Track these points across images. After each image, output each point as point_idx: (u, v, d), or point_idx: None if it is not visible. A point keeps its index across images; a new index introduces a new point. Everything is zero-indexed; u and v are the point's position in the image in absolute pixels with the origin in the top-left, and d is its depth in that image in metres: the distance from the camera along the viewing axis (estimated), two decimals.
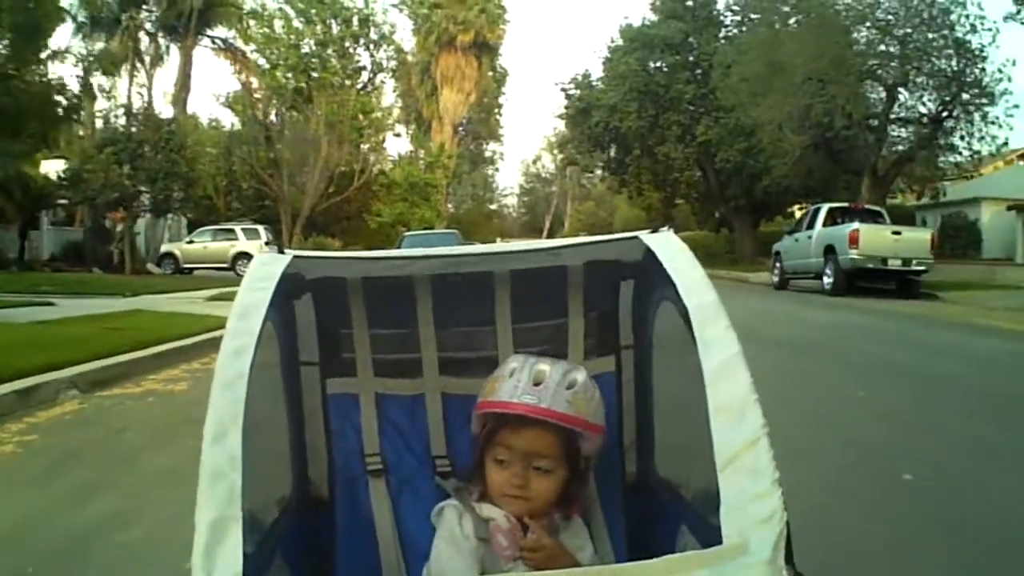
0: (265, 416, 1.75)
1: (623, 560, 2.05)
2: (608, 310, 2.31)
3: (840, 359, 10.45)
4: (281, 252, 1.96)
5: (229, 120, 46.96)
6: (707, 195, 44.53)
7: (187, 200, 32.12)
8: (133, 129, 31.84)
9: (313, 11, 55.34)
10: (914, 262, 20.95)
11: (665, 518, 1.87)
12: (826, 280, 21.70)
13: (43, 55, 25.89)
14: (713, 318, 1.58)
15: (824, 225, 22.90)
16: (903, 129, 31.67)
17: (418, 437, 2.22)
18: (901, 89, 29.84)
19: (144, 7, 36.91)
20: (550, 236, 70.26)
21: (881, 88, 28.62)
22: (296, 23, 53.01)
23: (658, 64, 41.53)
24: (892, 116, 30.00)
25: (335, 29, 56.84)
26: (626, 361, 2.29)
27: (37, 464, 5.25)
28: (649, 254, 1.89)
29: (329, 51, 56.17)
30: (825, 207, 23.73)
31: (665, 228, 2.03)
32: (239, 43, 46.92)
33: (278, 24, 50.76)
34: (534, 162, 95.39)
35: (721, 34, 41.17)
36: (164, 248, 34.51)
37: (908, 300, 20.04)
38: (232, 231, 34.02)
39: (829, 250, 21.64)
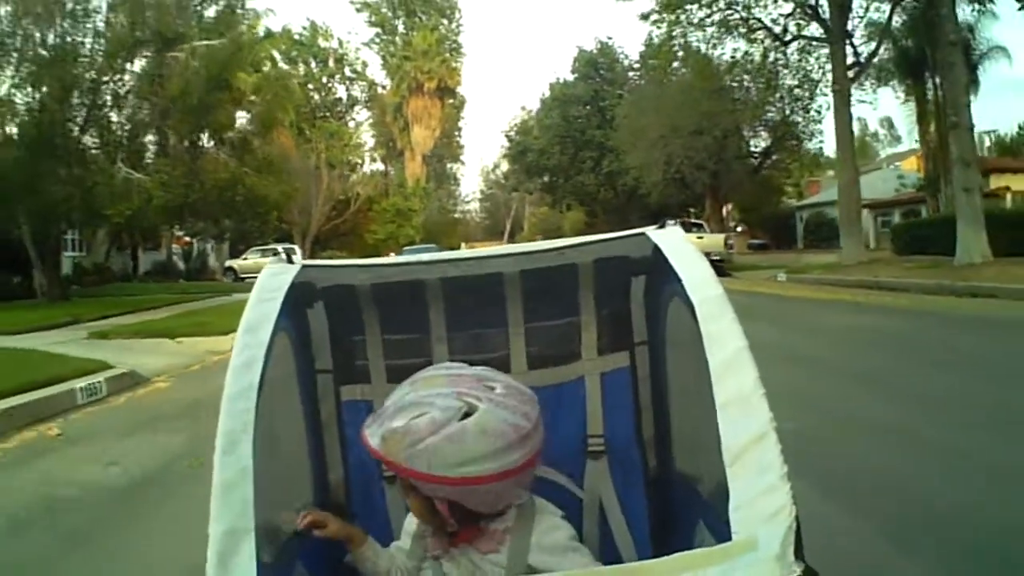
0: (284, 426, 1.85)
1: (646, 554, 2.05)
2: (620, 307, 2.27)
3: None
4: (290, 262, 1.99)
5: None
6: (617, 209, 58.32)
7: (264, 233, 43.73)
8: None
9: (294, 53, 65.78)
10: (714, 255, 32.11)
11: (685, 513, 1.82)
12: None
13: None
14: (718, 313, 1.55)
15: None
16: (750, 160, 46.26)
17: None
18: (732, 137, 43.80)
19: None
20: (511, 239, 79.41)
21: (711, 138, 41.84)
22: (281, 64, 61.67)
23: (576, 114, 56.57)
24: (724, 156, 43.77)
25: (314, 68, 68.10)
26: (640, 357, 2.26)
27: None
28: (657, 250, 1.86)
29: (310, 87, 66.43)
30: (664, 222, 37.22)
31: (672, 223, 2.02)
32: None
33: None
34: (493, 169, 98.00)
35: (624, 90, 55.23)
36: (227, 263, 46.35)
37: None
38: (276, 249, 44.37)
39: None
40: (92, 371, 9.44)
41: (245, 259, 45.74)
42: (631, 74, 56.18)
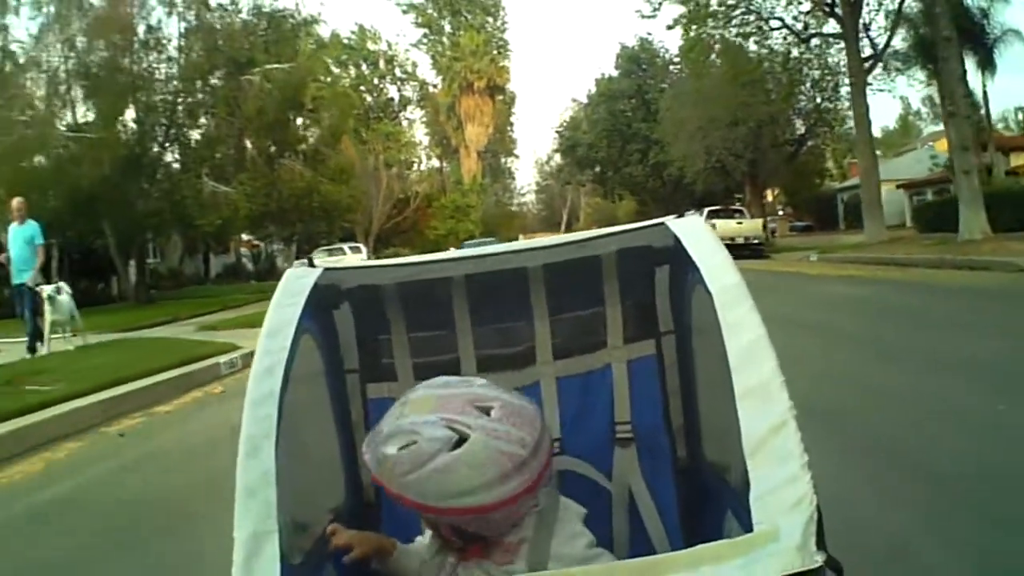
0: (314, 427, 1.88)
1: (677, 543, 2.07)
2: (644, 296, 2.27)
3: None
4: (311, 265, 1.98)
5: None
6: (665, 198, 59.89)
7: (331, 234, 45.50)
8: None
9: (344, 56, 67.01)
10: (753, 238, 34.65)
11: (714, 502, 1.81)
12: None
13: None
14: (736, 301, 1.54)
15: (705, 220, 37.95)
16: (786, 147, 48.09)
17: None
18: (767, 126, 45.41)
19: None
20: (568, 229, 78.60)
21: (746, 128, 43.67)
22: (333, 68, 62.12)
23: (621, 108, 59.23)
24: (760, 145, 45.49)
25: (365, 71, 69.87)
26: (667, 346, 2.25)
27: None
28: (677, 239, 1.84)
29: (361, 89, 67.17)
30: (706, 209, 36.72)
31: (691, 212, 2.03)
32: None
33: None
34: (547, 161, 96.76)
35: (667, 83, 57.32)
36: (295, 264, 48.57)
37: (753, 260, 29.05)
38: (342, 248, 42.36)
39: None
40: (226, 351, 12.01)
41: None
42: (672, 67, 58.12)
